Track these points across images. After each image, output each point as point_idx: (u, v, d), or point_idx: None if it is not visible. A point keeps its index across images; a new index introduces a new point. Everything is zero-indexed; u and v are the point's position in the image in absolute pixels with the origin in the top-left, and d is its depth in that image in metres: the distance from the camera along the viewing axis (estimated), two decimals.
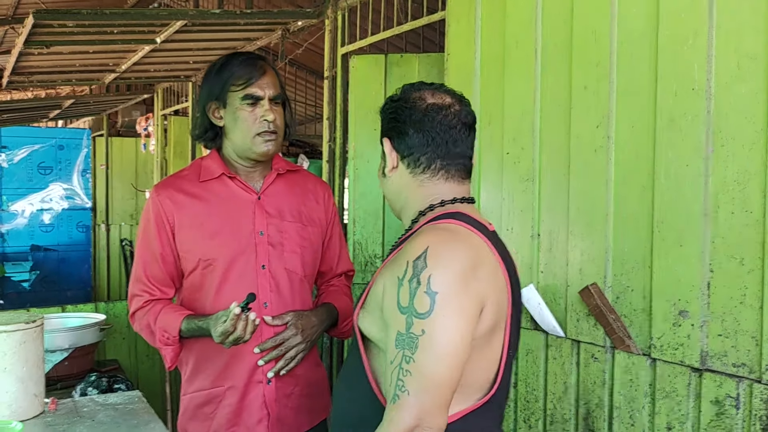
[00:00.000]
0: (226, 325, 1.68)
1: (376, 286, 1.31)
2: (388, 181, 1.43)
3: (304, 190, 2.03)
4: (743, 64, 1.58)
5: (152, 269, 1.91)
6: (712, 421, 1.64)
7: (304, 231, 1.97)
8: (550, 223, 2.07)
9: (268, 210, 1.93)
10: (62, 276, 7.60)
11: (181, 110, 6.30)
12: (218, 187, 1.92)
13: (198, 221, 1.89)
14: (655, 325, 1.77)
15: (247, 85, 1.84)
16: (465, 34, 2.38)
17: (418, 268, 1.20)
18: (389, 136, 1.41)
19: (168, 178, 2.02)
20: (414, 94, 1.40)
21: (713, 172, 1.64)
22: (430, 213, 1.36)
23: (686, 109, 1.69)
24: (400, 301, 1.21)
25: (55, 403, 1.88)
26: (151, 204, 1.91)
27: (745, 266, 1.58)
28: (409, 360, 1.16)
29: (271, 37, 4.25)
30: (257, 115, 1.85)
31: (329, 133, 3.58)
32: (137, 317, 1.94)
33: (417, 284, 1.19)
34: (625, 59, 1.84)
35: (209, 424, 1.91)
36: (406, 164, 1.39)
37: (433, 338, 1.16)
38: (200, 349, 1.91)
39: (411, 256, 1.22)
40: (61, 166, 7.67)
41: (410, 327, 1.18)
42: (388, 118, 1.41)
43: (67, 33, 3.74)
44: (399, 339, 1.19)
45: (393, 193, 1.44)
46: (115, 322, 3.58)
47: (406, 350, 1.17)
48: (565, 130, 2.01)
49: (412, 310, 1.18)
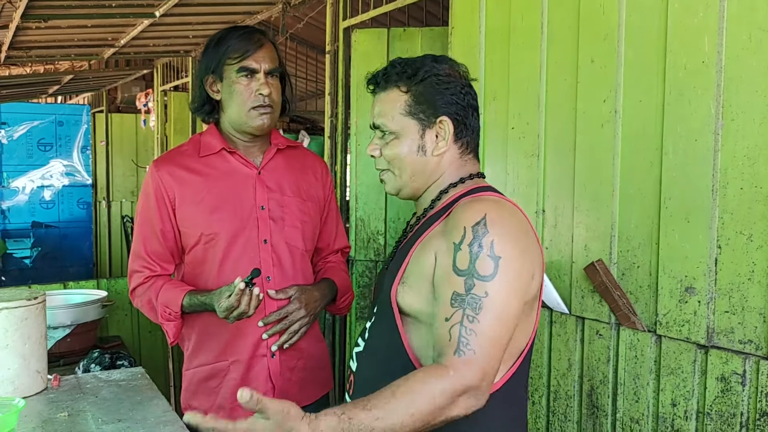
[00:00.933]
0: (231, 300, 1.68)
1: (421, 257, 1.30)
2: (432, 160, 1.38)
3: (303, 166, 2.03)
4: (755, 35, 1.54)
5: (152, 245, 1.91)
6: (717, 397, 1.63)
7: (304, 206, 1.97)
8: (555, 199, 2.05)
9: (269, 185, 1.92)
10: (64, 253, 7.61)
11: (181, 86, 6.25)
12: (218, 162, 1.91)
13: (199, 196, 1.88)
14: (661, 302, 1.76)
15: (243, 58, 1.83)
16: (469, 7, 2.34)
17: (480, 234, 1.20)
18: (452, 116, 1.36)
19: (167, 153, 2.01)
20: (452, 69, 1.39)
21: (723, 147, 1.61)
22: (461, 186, 1.38)
23: (696, 82, 1.66)
24: (458, 264, 1.21)
25: (58, 380, 1.87)
26: (151, 179, 1.90)
27: (754, 242, 1.56)
28: (473, 320, 1.16)
29: (271, 11, 4.19)
30: (252, 88, 1.84)
31: (331, 109, 3.55)
32: (138, 293, 1.94)
33: (479, 248, 1.19)
34: (633, 32, 1.81)
35: (214, 399, 1.91)
36: (459, 145, 1.39)
37: (497, 301, 1.18)
38: (203, 324, 1.91)
39: (468, 222, 1.22)
40: (61, 142, 7.65)
41: (471, 288, 1.18)
42: (450, 97, 1.36)
43: (65, 6, 3.70)
44: (457, 298, 1.19)
45: (431, 171, 1.39)
46: (117, 299, 3.58)
47: (467, 309, 1.17)
48: (571, 104, 1.98)
49: (473, 272, 1.19)
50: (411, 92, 1.36)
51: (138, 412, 1.68)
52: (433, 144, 1.37)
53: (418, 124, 1.37)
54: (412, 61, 1.39)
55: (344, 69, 3.47)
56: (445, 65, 1.39)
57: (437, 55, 1.41)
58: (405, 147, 1.38)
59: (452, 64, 1.41)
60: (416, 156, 1.38)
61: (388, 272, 1.40)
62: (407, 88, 1.37)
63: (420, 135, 1.37)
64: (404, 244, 1.41)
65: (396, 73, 1.38)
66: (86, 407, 1.71)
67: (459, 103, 1.36)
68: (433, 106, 1.36)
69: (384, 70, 1.41)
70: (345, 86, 3.48)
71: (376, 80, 1.43)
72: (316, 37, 5.71)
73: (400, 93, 1.37)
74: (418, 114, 1.36)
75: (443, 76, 1.36)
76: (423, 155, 1.38)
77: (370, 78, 1.45)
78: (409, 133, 1.37)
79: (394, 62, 1.41)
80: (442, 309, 1.20)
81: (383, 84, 1.41)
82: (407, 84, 1.37)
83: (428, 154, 1.37)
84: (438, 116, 1.36)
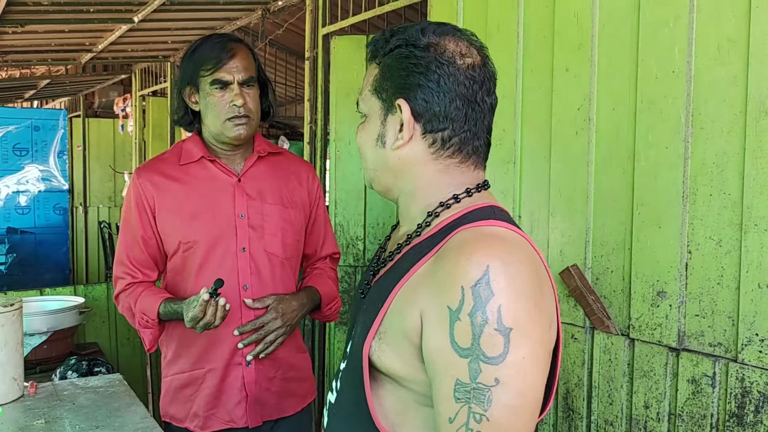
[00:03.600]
0: (195, 310, 1.68)
1: (404, 311, 1.01)
2: (391, 155, 1.09)
3: (287, 172, 2.02)
4: (723, 47, 1.59)
5: (134, 252, 1.92)
6: (688, 399, 1.67)
7: (285, 213, 1.96)
8: (530, 204, 2.08)
9: (249, 192, 1.92)
10: (40, 259, 7.51)
11: (160, 91, 6.22)
12: (198, 169, 1.91)
13: (177, 204, 1.88)
14: (634, 306, 1.79)
15: (215, 69, 1.82)
16: (447, 15, 2.37)
17: (482, 298, 0.92)
18: (406, 96, 1.05)
19: (149, 161, 2.01)
20: (442, 41, 1.06)
21: (692, 154, 1.66)
22: (455, 206, 1.08)
23: (666, 91, 1.70)
24: (457, 340, 0.93)
25: (35, 387, 1.86)
26: (132, 187, 1.91)
27: (723, 247, 1.60)
28: (481, 418, 0.91)
29: (251, 17, 4.20)
30: (227, 99, 1.83)
31: (310, 115, 3.56)
32: (120, 299, 1.95)
33: (483, 320, 0.91)
34: (606, 42, 1.85)
35: (189, 406, 1.92)
36: (430, 141, 1.07)
37: (511, 388, 0.91)
38: (181, 333, 1.91)
39: (466, 279, 0.93)
40: (37, 147, 7.55)
41: (477, 375, 0.92)
42: (418, 77, 1.04)
43: (42, 11, 3.67)
44: (460, 390, 0.92)
45: (395, 170, 1.10)
46: (94, 305, 3.56)
47: (473, 405, 0.91)
48: (546, 112, 2.02)
49: (478, 353, 0.92)
50: (380, 65, 1.09)
51: (116, 418, 1.68)
52: (394, 136, 1.08)
53: (381, 106, 1.09)
54: (397, 29, 1.11)
55: (323, 75, 3.48)
56: (429, 37, 1.07)
57: (438, 23, 1.11)
58: (366, 133, 1.12)
59: (448, 37, 1.08)
60: (374, 146, 1.11)
61: (363, 310, 1.12)
62: (379, 60, 1.10)
63: (381, 120, 1.09)
64: (384, 276, 1.12)
65: (376, 43, 1.12)
66: (63, 414, 1.70)
67: (433, 85, 1.04)
68: (394, 84, 1.06)
69: (375, 38, 1.14)
70: (324, 92, 3.50)
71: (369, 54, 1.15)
72: (295, 43, 5.72)
73: (374, 66, 1.11)
74: (381, 92, 1.08)
75: (420, 48, 1.05)
76: (381, 147, 1.10)
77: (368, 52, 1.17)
78: (373, 117, 1.10)
79: (385, 29, 1.14)
80: (444, 404, 0.94)
81: (370, 56, 1.14)
82: (380, 54, 1.10)
83: (387, 145, 1.09)
84: (396, 97, 1.06)
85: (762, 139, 1.51)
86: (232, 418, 1.88)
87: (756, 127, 1.52)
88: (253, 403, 1.90)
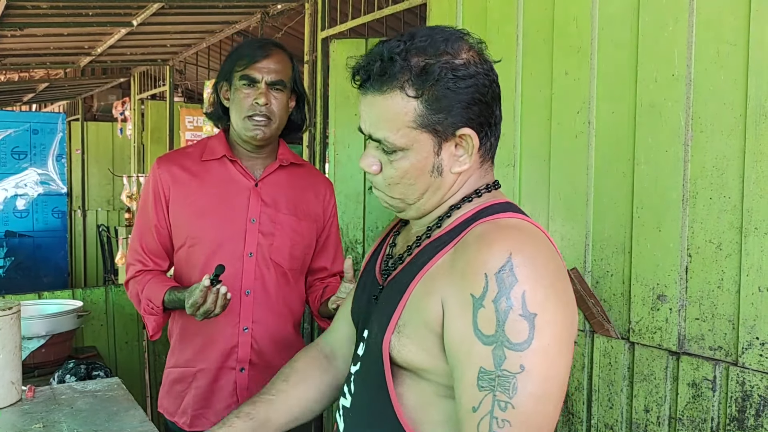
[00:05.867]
0: (196, 296, 1.68)
1: (424, 303, 1.01)
2: (450, 177, 1.07)
3: (305, 185, 2.02)
4: (722, 49, 1.59)
5: (147, 240, 1.95)
6: (688, 403, 1.67)
7: (298, 225, 1.96)
8: (530, 208, 2.08)
9: (264, 198, 1.92)
10: (38, 262, 7.51)
11: (159, 94, 6.22)
12: (218, 168, 1.93)
13: (190, 199, 1.90)
14: (634, 310, 1.79)
15: (247, 66, 1.84)
16: (446, 19, 2.37)
17: (506, 284, 0.91)
18: (476, 124, 1.03)
19: (172, 152, 2.05)
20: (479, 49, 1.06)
21: (692, 157, 1.65)
22: (476, 200, 1.09)
23: (666, 95, 1.70)
24: (481, 328, 0.92)
25: (33, 391, 1.85)
26: (151, 176, 1.94)
27: (723, 251, 1.60)
28: (506, 406, 0.89)
29: (250, 21, 4.20)
30: (251, 97, 1.84)
31: (309, 118, 3.55)
32: (130, 285, 1.98)
33: (508, 306, 0.90)
34: (606, 45, 1.85)
35: (180, 402, 1.95)
36: (482, 152, 1.07)
37: (536, 374, 0.90)
38: (182, 327, 1.95)
39: (489, 267, 0.92)
40: (36, 150, 7.55)
41: (502, 362, 0.90)
42: (472, 98, 1.01)
43: (41, 15, 3.68)
44: (485, 378, 0.91)
45: (444, 191, 1.08)
46: (92, 309, 3.55)
47: (498, 393, 0.90)
48: (546, 115, 2.02)
49: (502, 339, 0.90)
50: (423, 98, 1.00)
51: (114, 422, 1.67)
52: (452, 160, 1.05)
53: (433, 138, 1.03)
54: (417, 49, 1.01)
55: (322, 79, 3.48)
56: (459, 46, 1.03)
57: (442, 29, 1.05)
58: (416, 168, 1.05)
59: (466, 40, 1.06)
60: (430, 177, 1.06)
61: (378, 309, 1.12)
62: (416, 91, 1.00)
63: (435, 152, 1.04)
64: (400, 272, 1.11)
65: (399, 70, 1.01)
66: (61, 418, 1.70)
67: (483, 100, 1.03)
68: (451, 115, 1.01)
69: (378, 60, 1.02)
70: (323, 96, 3.50)
71: (368, 74, 1.04)
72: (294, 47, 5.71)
73: (405, 98, 1.01)
74: (434, 126, 1.01)
75: (461, 66, 1.01)
76: (438, 176, 1.06)
77: (358, 68, 1.06)
78: (421, 150, 1.03)
79: (390, 47, 1.02)
80: (467, 393, 0.93)
81: (379, 83, 1.02)
82: (416, 86, 1.00)
83: (445, 173, 1.06)
84: (458, 128, 1.02)
85: (762, 142, 1.51)
86: (220, 420, 1.88)
87: (756, 130, 1.52)
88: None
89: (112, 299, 3.74)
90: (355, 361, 1.15)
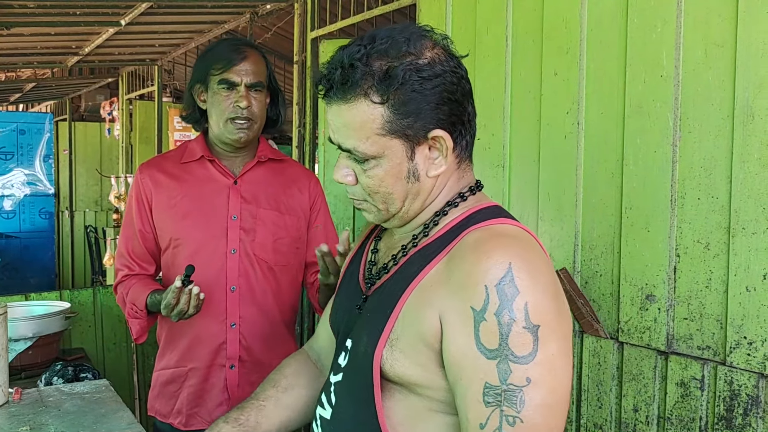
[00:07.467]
0: (168, 298, 1.70)
1: (419, 315, 0.97)
2: (428, 182, 1.04)
3: (287, 179, 2.02)
4: (710, 51, 1.60)
5: (133, 245, 1.97)
6: (677, 402, 1.67)
7: (280, 220, 1.96)
8: (519, 208, 2.08)
9: (244, 195, 1.94)
10: (25, 263, 7.45)
11: (147, 94, 6.19)
12: (197, 169, 1.95)
13: (172, 201, 1.92)
14: (623, 309, 1.80)
15: (224, 69, 1.85)
16: (436, 19, 2.37)
17: (508, 296, 0.89)
18: (447, 124, 1.00)
19: (153, 158, 2.07)
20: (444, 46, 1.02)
21: (680, 158, 1.66)
22: (462, 204, 1.07)
23: (654, 95, 1.71)
24: (484, 342, 0.90)
25: (20, 393, 1.84)
26: (134, 182, 1.98)
27: (711, 251, 1.61)
28: (514, 421, 0.88)
29: (239, 21, 4.19)
30: (232, 100, 1.85)
31: (299, 119, 3.55)
32: (117, 290, 2.00)
33: (510, 318, 0.89)
34: (594, 46, 1.86)
35: (173, 403, 1.96)
36: (458, 152, 1.05)
37: (543, 386, 0.89)
38: (169, 329, 1.96)
39: (489, 278, 0.90)
40: (23, 151, 7.50)
41: (507, 376, 0.89)
42: (440, 97, 0.98)
43: (29, 14, 3.65)
44: (490, 393, 0.89)
45: (424, 195, 1.05)
46: (80, 311, 3.53)
47: (505, 408, 0.88)
48: (535, 116, 2.02)
49: (506, 353, 0.89)
50: (389, 103, 0.98)
51: (102, 424, 1.66)
52: (428, 163, 1.03)
53: (405, 143, 1.00)
54: (378, 52, 0.98)
55: (312, 79, 3.48)
56: (422, 44, 0.99)
57: (403, 27, 1.01)
58: (390, 175, 1.02)
59: (429, 37, 1.02)
60: (407, 184, 1.03)
61: (365, 319, 1.08)
62: (382, 97, 0.97)
63: (409, 157, 1.01)
64: (387, 282, 1.08)
65: (361, 76, 0.98)
66: (49, 421, 1.68)
67: (452, 99, 1.00)
68: (420, 118, 0.98)
69: (339, 67, 1.00)
70: (313, 96, 3.49)
71: (330, 83, 1.01)
72: (283, 47, 5.71)
73: (371, 105, 0.98)
74: (404, 131, 0.99)
75: (426, 66, 0.98)
76: (416, 181, 1.03)
77: (320, 77, 1.03)
78: (394, 157, 1.01)
79: (350, 53, 0.99)
80: (473, 409, 0.91)
81: (342, 91, 0.99)
82: (380, 91, 0.97)
83: (422, 177, 1.03)
84: (429, 130, 0.99)
85: (749, 142, 1.52)
86: (213, 418, 1.88)
87: (743, 131, 1.53)
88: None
89: (100, 300, 3.71)
90: (336, 371, 1.12)
